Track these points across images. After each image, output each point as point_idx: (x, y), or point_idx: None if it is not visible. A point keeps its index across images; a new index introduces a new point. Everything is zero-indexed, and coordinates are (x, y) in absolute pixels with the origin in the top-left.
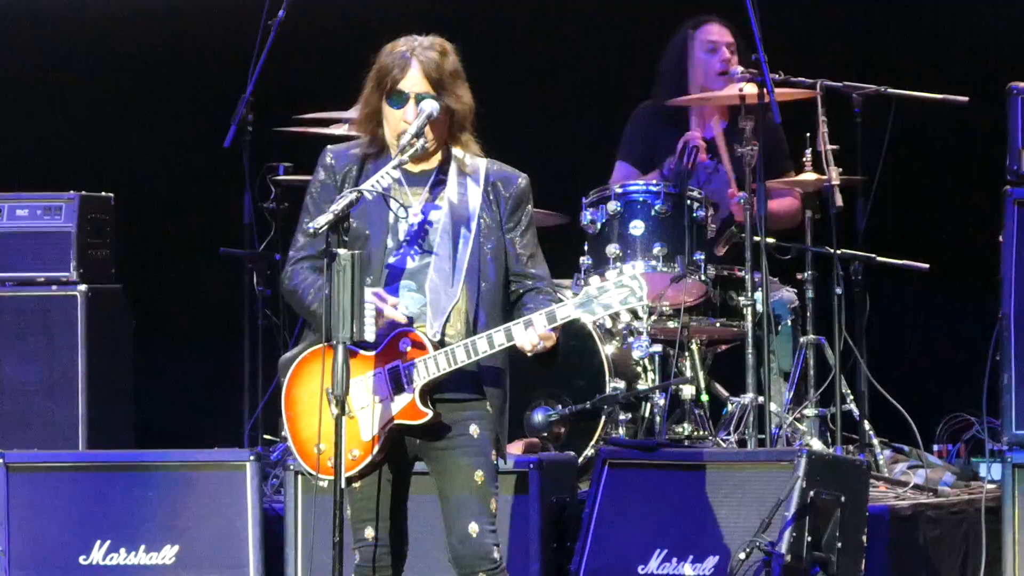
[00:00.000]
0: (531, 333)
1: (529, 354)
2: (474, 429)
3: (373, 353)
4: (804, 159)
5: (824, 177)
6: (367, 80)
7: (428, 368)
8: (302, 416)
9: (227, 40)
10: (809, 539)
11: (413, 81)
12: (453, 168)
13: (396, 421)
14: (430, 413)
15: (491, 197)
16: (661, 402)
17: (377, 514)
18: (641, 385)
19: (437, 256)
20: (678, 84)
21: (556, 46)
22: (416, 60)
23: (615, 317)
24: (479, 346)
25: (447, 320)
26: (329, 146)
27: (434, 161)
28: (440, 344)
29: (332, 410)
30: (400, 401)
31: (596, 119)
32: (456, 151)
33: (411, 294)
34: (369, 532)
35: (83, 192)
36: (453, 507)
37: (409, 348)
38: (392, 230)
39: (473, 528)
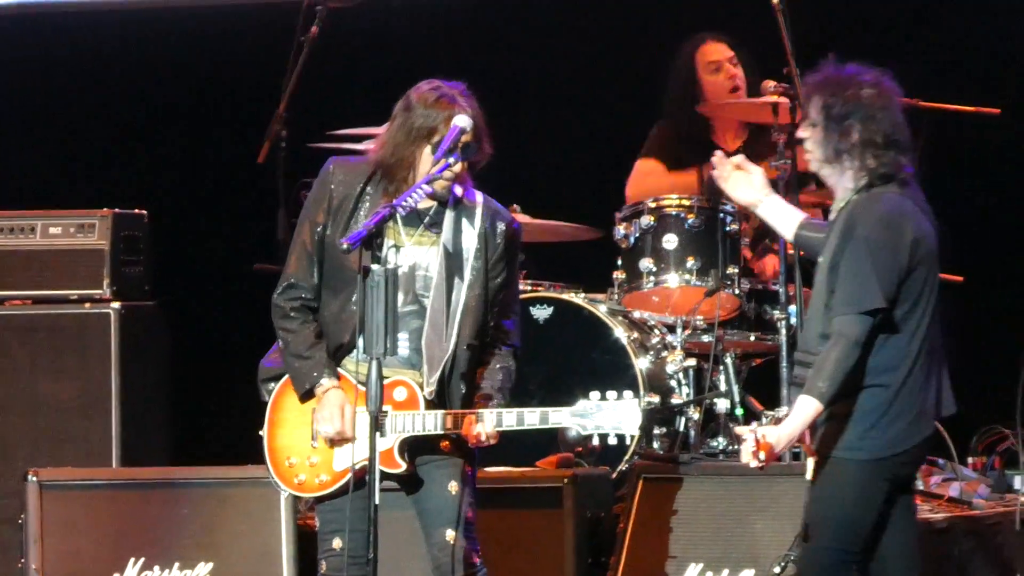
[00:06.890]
0: (486, 425)
1: (471, 444)
2: (445, 444)
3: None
4: None
5: None
6: (398, 124)
7: (414, 424)
8: (282, 424)
9: (261, 56)
10: None
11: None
12: (451, 208)
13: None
14: (404, 466)
15: (485, 240)
16: (695, 416)
17: (345, 525)
18: (675, 399)
19: (432, 307)
20: (693, 104)
21: (588, 60)
22: (463, 114)
23: (648, 332)
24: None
25: (439, 374)
26: (336, 162)
27: (432, 198)
28: (433, 403)
29: (315, 442)
30: (379, 445)
31: (629, 133)
32: (456, 188)
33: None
34: (336, 543)
35: (116, 209)
36: (431, 517)
37: (402, 399)
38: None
39: (450, 535)
